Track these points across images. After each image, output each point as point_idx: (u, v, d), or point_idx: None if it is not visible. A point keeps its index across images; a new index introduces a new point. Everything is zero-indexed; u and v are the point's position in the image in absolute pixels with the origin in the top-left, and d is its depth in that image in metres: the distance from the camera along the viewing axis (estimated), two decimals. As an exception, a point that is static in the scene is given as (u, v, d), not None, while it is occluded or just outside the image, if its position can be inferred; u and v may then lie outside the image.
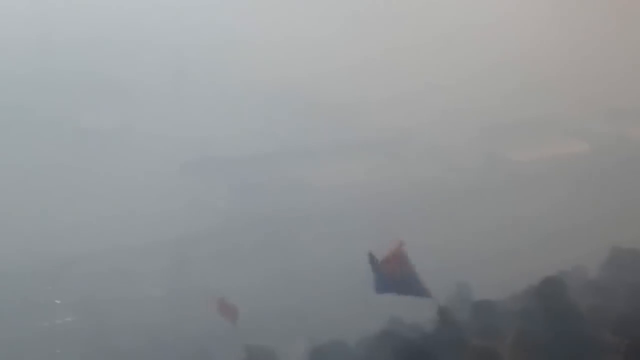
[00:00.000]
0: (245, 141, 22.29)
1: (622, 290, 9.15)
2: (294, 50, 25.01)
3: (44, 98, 21.38)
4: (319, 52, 25.14)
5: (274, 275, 16.48)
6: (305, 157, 20.72)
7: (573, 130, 22.98)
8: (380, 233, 17.50)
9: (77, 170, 19.22)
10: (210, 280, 16.58)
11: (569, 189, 18.95)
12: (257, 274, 16.36)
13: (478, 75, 23.40)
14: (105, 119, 22.11)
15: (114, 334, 14.67)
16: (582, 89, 23.15)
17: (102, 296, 15.29)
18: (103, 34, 22.87)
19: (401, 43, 24.03)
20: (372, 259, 9.09)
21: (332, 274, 16.48)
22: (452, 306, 10.51)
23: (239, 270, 16.27)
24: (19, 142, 19.76)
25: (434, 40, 23.99)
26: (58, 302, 14.07)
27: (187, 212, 18.44)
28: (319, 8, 24.98)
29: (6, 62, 21.71)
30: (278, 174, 19.87)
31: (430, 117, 22.32)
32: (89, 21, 23.07)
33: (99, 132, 21.41)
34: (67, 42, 22.68)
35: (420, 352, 7.93)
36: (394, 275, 9.12)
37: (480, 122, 22.45)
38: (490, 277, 11.64)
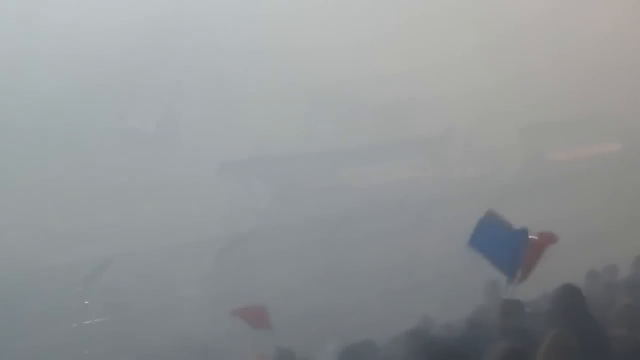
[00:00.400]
0: (285, 142, 22.24)
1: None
2: (335, 52, 24.97)
3: (86, 99, 21.60)
4: (360, 54, 25.09)
5: (312, 277, 16.43)
6: (346, 158, 20.57)
7: (614, 130, 22.66)
8: (420, 234, 17.42)
9: (113, 170, 19.33)
10: (249, 283, 16.59)
11: (608, 189, 18.69)
12: (296, 277, 16.29)
13: (519, 75, 23.20)
14: (145, 119, 22.27)
15: (145, 337, 14.70)
16: (623, 88, 22.86)
17: (135, 298, 15.33)
18: (148, 40, 23.05)
19: (442, 45, 23.89)
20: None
21: (370, 275, 16.42)
22: (490, 305, 10.37)
23: (278, 273, 16.20)
24: (58, 142, 19.95)
25: (475, 42, 23.84)
26: (87, 302, 14.10)
27: (227, 213, 18.41)
28: (359, 11, 24.99)
29: (49, 64, 21.99)
30: (318, 175, 19.75)
31: (470, 118, 22.13)
32: (133, 27, 23.30)
33: (138, 133, 21.52)
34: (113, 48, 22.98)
35: (453, 353, 7.77)
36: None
37: (520, 122, 22.26)
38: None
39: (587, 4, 25.26)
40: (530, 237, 9.35)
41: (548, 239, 9.73)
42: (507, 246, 9.38)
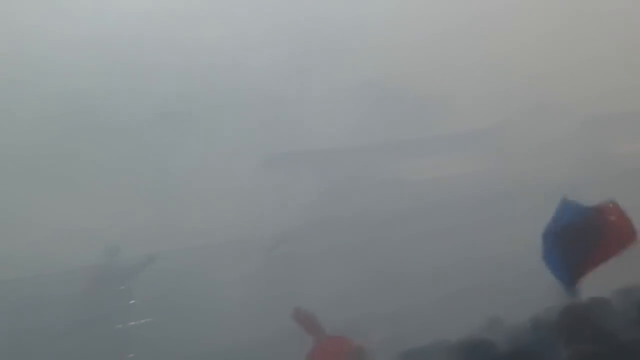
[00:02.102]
0: (334, 134, 22.30)
1: None
2: (388, 44, 24.95)
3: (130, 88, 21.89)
4: (413, 45, 25.03)
5: (365, 277, 16.43)
6: (399, 151, 20.52)
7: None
8: (478, 229, 17.41)
9: (154, 166, 19.54)
10: (296, 283, 16.71)
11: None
12: (347, 276, 16.31)
13: (578, 66, 23.00)
14: (183, 112, 22.46)
15: (189, 337, 14.87)
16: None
17: (178, 298, 15.51)
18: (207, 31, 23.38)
19: (496, 36, 23.77)
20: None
21: (426, 274, 16.42)
22: (557, 306, 10.38)
23: (327, 273, 16.22)
24: (98, 138, 20.23)
25: (533, 30, 23.71)
26: (132, 302, 14.28)
27: (272, 209, 18.50)
28: (413, 6, 25.01)
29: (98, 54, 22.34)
30: (369, 169, 19.69)
31: (529, 109, 22.03)
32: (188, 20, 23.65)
33: (178, 127, 21.70)
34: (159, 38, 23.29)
35: (519, 357, 7.84)
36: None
37: (581, 114, 22.08)
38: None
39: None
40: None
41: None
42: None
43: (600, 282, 9.30)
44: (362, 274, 16.34)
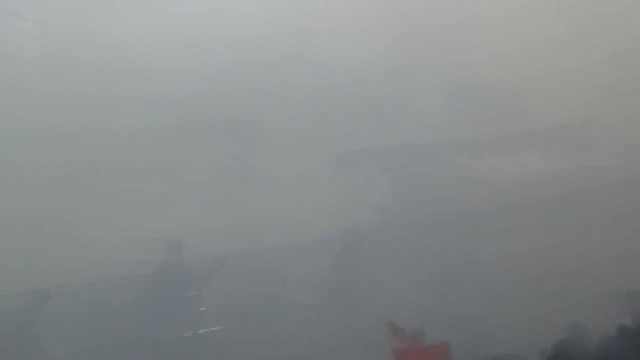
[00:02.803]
0: (409, 130, 22.12)
1: None
2: (467, 32, 24.78)
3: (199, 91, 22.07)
4: (492, 33, 24.79)
5: (438, 281, 16.20)
6: (477, 148, 20.23)
7: None
8: (562, 230, 17.06)
9: (221, 165, 19.61)
10: (367, 286, 16.56)
11: None
12: (420, 280, 16.11)
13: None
14: (254, 110, 22.52)
15: (263, 343, 14.84)
16: None
17: (251, 302, 15.48)
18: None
19: (579, 23, 23.45)
20: None
21: (505, 277, 16.14)
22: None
23: (399, 276, 16.04)
24: (165, 134, 20.39)
25: (614, 20, 23.38)
26: (202, 309, 14.25)
27: (344, 208, 18.37)
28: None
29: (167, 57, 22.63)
30: (445, 166, 19.45)
31: (615, 103, 21.66)
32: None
33: (244, 125, 21.74)
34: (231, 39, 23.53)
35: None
36: None
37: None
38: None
39: None
40: None
41: None
42: None
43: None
44: (434, 277, 16.11)
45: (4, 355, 13.00)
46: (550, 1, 24.16)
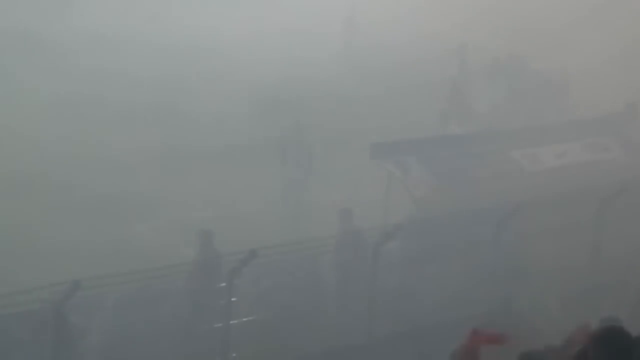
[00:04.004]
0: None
1: None
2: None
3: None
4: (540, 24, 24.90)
5: (478, 276, 15.90)
6: (517, 138, 19.93)
7: None
8: (604, 225, 16.75)
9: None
10: (405, 280, 16.34)
11: None
12: (459, 274, 15.83)
13: None
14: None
15: (293, 337, 14.64)
16: None
17: (281, 295, 15.34)
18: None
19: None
20: None
21: (546, 272, 15.89)
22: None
23: (439, 270, 15.73)
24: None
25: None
26: (234, 299, 14.08)
27: (380, 201, 18.22)
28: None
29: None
30: (485, 158, 19.17)
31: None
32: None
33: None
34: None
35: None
36: None
37: None
38: None
39: None
40: None
41: None
42: None
43: None
44: (474, 271, 15.86)
45: (41, 344, 12.99)
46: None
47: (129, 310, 14.04)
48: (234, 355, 14.18)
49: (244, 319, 14.63)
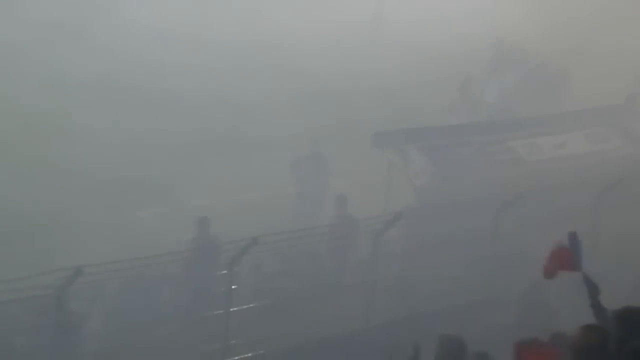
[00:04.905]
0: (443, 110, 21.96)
1: None
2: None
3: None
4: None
5: (475, 264, 15.84)
6: (516, 128, 19.96)
7: None
8: (601, 215, 16.76)
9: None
10: (405, 268, 16.37)
11: None
12: (457, 262, 15.85)
13: None
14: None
15: (293, 324, 14.62)
16: None
17: (282, 282, 15.34)
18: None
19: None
20: None
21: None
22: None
23: (438, 259, 15.70)
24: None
25: None
26: (234, 287, 14.12)
27: (382, 191, 18.20)
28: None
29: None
30: (483, 147, 19.18)
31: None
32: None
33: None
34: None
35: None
36: None
37: None
38: None
39: None
40: None
41: None
42: None
43: None
44: (472, 260, 15.89)
45: (39, 329, 13.04)
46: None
47: (130, 297, 14.08)
48: (234, 342, 14.18)
49: (244, 307, 14.65)
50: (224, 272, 14.01)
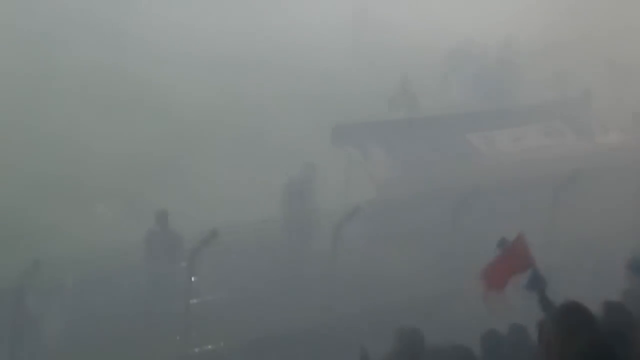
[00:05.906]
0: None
1: None
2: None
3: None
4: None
5: (434, 259, 15.86)
6: (476, 121, 20.02)
7: None
8: (559, 208, 16.85)
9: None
10: (365, 262, 16.35)
11: None
12: (416, 257, 15.71)
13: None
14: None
15: (252, 317, 14.60)
16: None
17: (241, 275, 15.33)
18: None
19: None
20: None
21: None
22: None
23: (398, 253, 15.72)
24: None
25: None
26: (194, 279, 14.07)
27: (342, 184, 18.18)
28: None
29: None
30: (441, 141, 19.22)
31: (608, 80, 21.57)
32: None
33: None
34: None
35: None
36: None
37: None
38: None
39: None
40: None
41: None
42: None
43: None
44: (430, 254, 15.90)
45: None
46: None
47: (89, 291, 13.97)
48: (194, 335, 14.12)
49: (204, 299, 14.60)
50: (184, 264, 13.92)
